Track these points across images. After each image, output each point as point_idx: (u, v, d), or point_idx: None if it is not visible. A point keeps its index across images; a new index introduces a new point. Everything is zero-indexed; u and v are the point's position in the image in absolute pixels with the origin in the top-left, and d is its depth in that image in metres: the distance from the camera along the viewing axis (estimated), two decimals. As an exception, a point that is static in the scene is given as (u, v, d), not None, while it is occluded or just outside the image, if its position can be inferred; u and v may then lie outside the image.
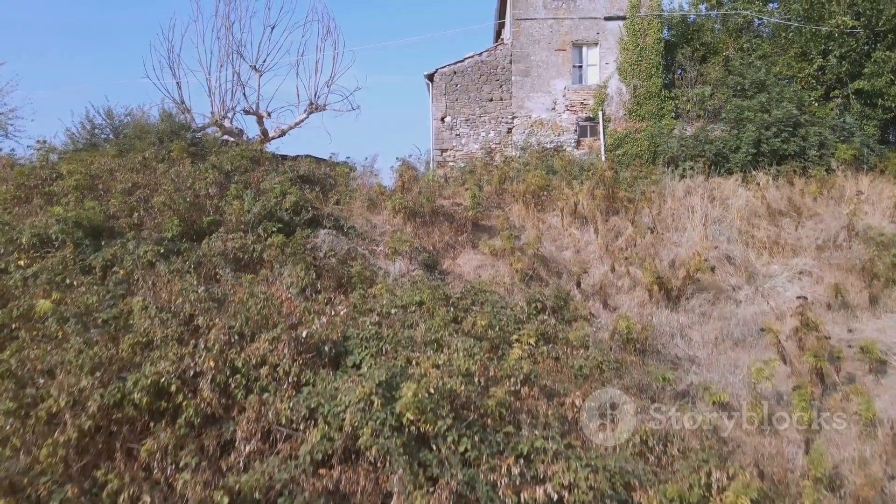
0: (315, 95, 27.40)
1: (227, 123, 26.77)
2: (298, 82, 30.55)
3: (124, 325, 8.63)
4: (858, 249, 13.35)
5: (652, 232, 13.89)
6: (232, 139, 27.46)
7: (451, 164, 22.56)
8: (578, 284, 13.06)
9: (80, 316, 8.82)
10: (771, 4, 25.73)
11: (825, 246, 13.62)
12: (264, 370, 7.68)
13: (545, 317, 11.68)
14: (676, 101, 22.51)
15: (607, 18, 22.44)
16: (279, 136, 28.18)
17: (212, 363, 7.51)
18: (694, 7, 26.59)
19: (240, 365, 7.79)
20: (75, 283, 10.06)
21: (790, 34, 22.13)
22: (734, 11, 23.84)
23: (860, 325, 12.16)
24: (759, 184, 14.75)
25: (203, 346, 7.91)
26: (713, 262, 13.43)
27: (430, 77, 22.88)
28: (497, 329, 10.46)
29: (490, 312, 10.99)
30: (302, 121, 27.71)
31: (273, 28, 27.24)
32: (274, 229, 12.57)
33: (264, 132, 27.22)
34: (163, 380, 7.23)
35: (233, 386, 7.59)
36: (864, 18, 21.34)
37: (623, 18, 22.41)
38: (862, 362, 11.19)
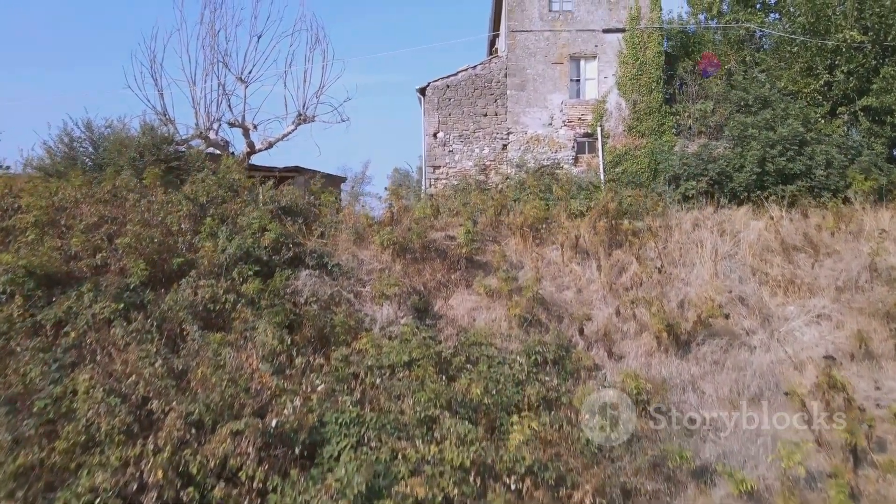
0: (303, 107, 25.94)
1: (212, 135, 25.33)
2: (286, 93, 28.80)
3: (66, 413, 7.27)
4: (881, 292, 12.08)
5: (660, 271, 12.60)
6: (218, 151, 26.04)
7: (443, 181, 21.21)
8: (581, 331, 11.77)
9: (16, 398, 7.46)
10: (772, 15, 24.44)
11: (845, 287, 12.34)
12: (219, 488, 6.32)
13: (546, 375, 10.41)
14: (677, 117, 21.20)
15: (606, 31, 21.07)
16: (266, 149, 26.75)
17: (160, 474, 6.17)
18: (693, 17, 25.28)
19: (195, 470, 6.46)
20: (19, 348, 8.69)
21: (795, 48, 20.82)
22: (736, 24, 22.51)
23: (888, 379, 10.93)
24: (772, 217, 13.45)
25: (153, 447, 6.57)
26: (725, 304, 12.18)
27: (422, 91, 21.47)
28: (494, 393, 9.22)
29: (486, 374, 9.73)
30: (290, 132, 26.26)
31: (259, 37, 25.74)
32: (250, 273, 11.19)
33: (251, 145, 25.79)
34: (98, 501, 5.90)
35: (185, 500, 6.27)
36: (872, 33, 20.03)
37: (622, 31, 21.05)
38: (892, 424, 10.00)
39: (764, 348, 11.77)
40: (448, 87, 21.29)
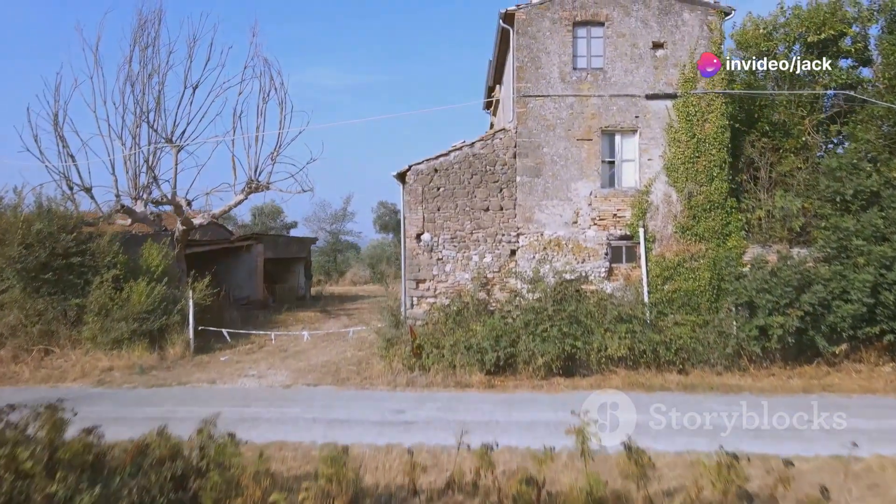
0: (256, 172, 18.84)
1: (139, 208, 18.13)
2: (234, 155, 21.20)
3: None
4: None
5: None
6: (149, 229, 18.92)
7: (430, 299, 14.30)
8: None
9: None
10: (843, 62, 17.50)
11: None
12: None
13: None
14: (748, 215, 14.36)
15: (650, 97, 14.08)
16: (208, 224, 19.66)
17: None
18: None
19: None
20: None
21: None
22: (832, 91, 15.60)
23: None
24: None
25: None
26: None
27: (402, 177, 14.44)
28: None
29: None
30: (239, 203, 19.20)
31: (196, 87, 18.56)
32: None
33: (186, 222, 18.59)
34: None
35: None
36: None
37: (673, 97, 14.07)
38: None
39: None
40: (436, 171, 14.26)
